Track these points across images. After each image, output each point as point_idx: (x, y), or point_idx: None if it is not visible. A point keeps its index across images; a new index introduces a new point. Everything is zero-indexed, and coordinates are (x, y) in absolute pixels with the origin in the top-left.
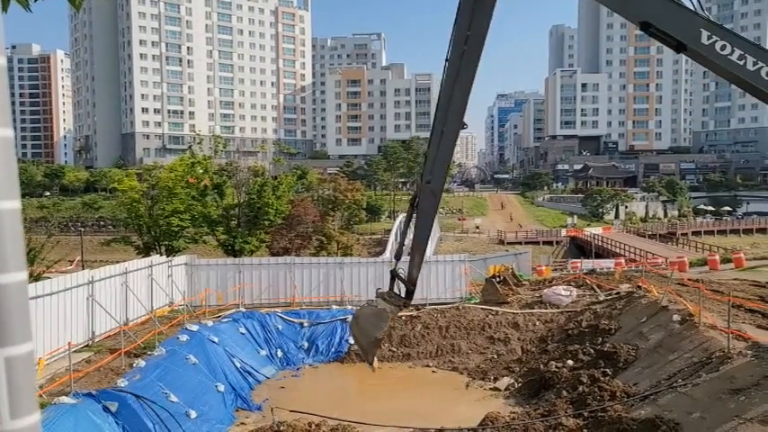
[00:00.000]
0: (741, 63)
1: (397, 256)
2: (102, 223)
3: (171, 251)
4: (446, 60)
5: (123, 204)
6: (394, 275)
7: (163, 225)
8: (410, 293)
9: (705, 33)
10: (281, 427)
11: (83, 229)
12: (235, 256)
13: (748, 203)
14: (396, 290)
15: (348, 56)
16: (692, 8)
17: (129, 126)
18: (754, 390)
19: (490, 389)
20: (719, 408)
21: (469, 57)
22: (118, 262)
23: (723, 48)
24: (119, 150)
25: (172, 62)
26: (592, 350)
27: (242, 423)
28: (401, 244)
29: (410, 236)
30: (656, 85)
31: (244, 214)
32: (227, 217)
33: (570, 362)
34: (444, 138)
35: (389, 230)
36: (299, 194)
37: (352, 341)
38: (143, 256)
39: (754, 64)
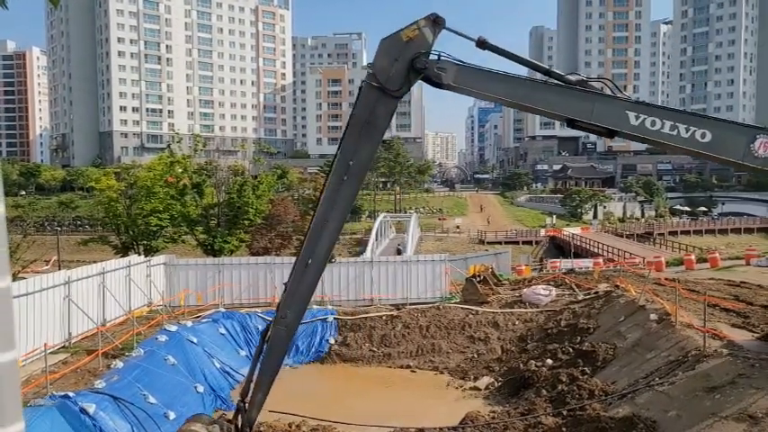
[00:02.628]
0: (674, 133)
1: (243, 393)
2: (78, 223)
3: (149, 251)
4: (325, 176)
5: (101, 204)
6: (239, 409)
7: (141, 225)
8: None
9: (632, 115)
10: (261, 428)
11: (59, 229)
12: (214, 256)
13: (723, 204)
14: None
15: (329, 55)
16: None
17: (106, 124)
18: (729, 388)
19: (470, 388)
20: (696, 406)
21: (348, 187)
22: (95, 262)
23: (653, 123)
24: (96, 149)
25: (150, 60)
26: (571, 349)
27: None
28: (248, 380)
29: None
30: (633, 87)
31: (223, 214)
32: (206, 216)
33: (549, 361)
34: (309, 270)
35: (370, 230)
36: (280, 194)
37: (332, 341)
38: (121, 256)
39: (687, 130)
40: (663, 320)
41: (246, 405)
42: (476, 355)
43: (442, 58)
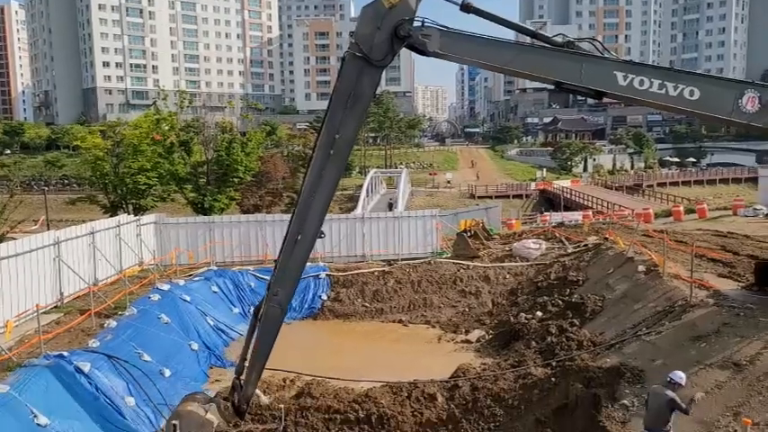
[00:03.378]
0: (662, 92)
1: (238, 371)
2: (66, 182)
3: (138, 210)
4: (312, 150)
5: (87, 162)
6: (234, 387)
7: (129, 183)
8: (241, 413)
9: (620, 75)
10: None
11: (46, 188)
12: (204, 215)
13: (712, 154)
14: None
15: (315, 7)
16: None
17: (89, 81)
18: (714, 336)
19: (462, 341)
20: (681, 355)
21: (335, 161)
22: (84, 221)
23: (642, 83)
24: (80, 106)
25: (132, 13)
26: (560, 301)
27: (216, 380)
28: (242, 357)
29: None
30: (625, 36)
31: (212, 172)
32: (195, 175)
33: (539, 313)
34: (299, 246)
35: (361, 186)
36: (269, 151)
37: (325, 297)
38: (110, 216)
39: (675, 88)
40: (650, 272)
41: (242, 382)
42: (467, 309)
43: (426, 24)
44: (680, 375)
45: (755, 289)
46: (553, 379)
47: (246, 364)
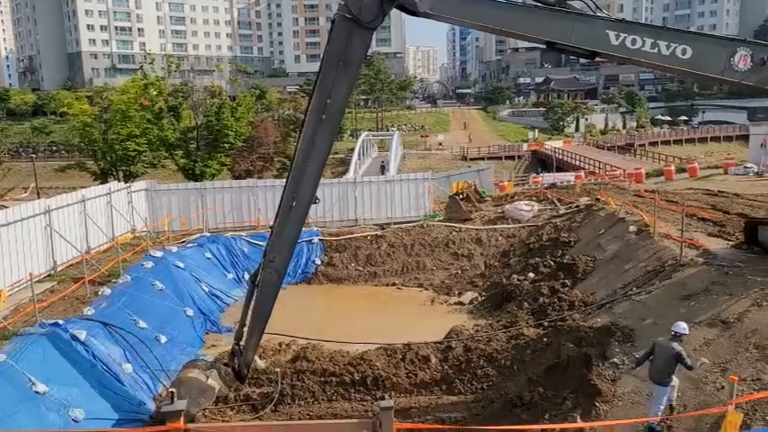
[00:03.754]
0: (655, 51)
1: (237, 337)
2: (54, 148)
3: (129, 177)
4: (304, 114)
5: (75, 129)
6: (234, 352)
7: (118, 150)
8: (242, 378)
9: (612, 34)
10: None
11: (35, 156)
12: (195, 181)
13: (704, 112)
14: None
15: None
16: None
17: (74, 45)
18: (703, 295)
19: (455, 303)
20: (671, 313)
21: (327, 126)
22: (74, 189)
23: (634, 42)
24: (66, 71)
25: None
26: (552, 263)
27: (213, 345)
28: (241, 323)
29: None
30: None
31: (202, 137)
32: (185, 140)
33: (531, 275)
34: (293, 212)
35: (352, 149)
36: (259, 115)
37: (318, 261)
38: (100, 183)
39: (668, 47)
40: (641, 232)
41: (241, 348)
42: (460, 272)
43: None
44: (683, 326)
45: (744, 247)
46: (545, 339)
47: (246, 329)
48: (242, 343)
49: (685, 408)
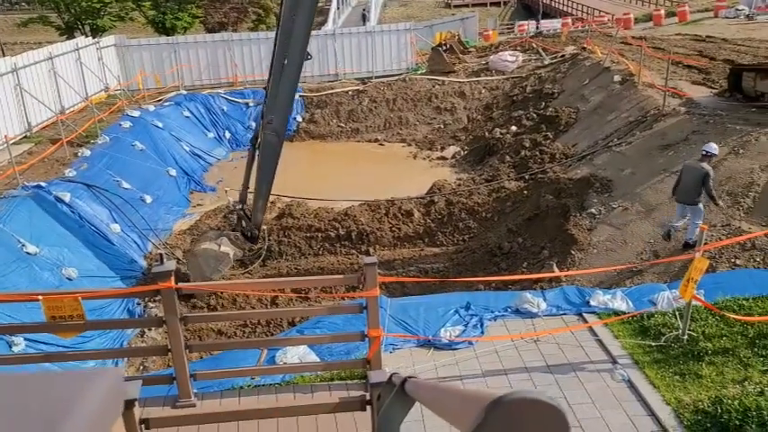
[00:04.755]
0: None
1: (242, 200)
2: (14, 0)
3: (96, 31)
4: None
5: None
6: (240, 217)
7: (82, 1)
8: (254, 238)
9: None
10: (237, 206)
11: None
12: (167, 35)
13: None
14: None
15: None
16: None
17: None
18: (682, 144)
19: (437, 158)
20: (649, 163)
21: None
22: (40, 44)
23: None
24: None
25: None
26: (535, 115)
27: (198, 204)
28: (245, 186)
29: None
30: None
31: None
32: None
33: (514, 128)
34: (286, 70)
35: None
36: None
37: (300, 119)
38: (66, 38)
39: None
40: (626, 82)
41: (247, 211)
42: (442, 126)
43: None
44: (714, 147)
45: (727, 95)
46: (525, 192)
47: (252, 192)
48: (247, 207)
49: (657, 255)
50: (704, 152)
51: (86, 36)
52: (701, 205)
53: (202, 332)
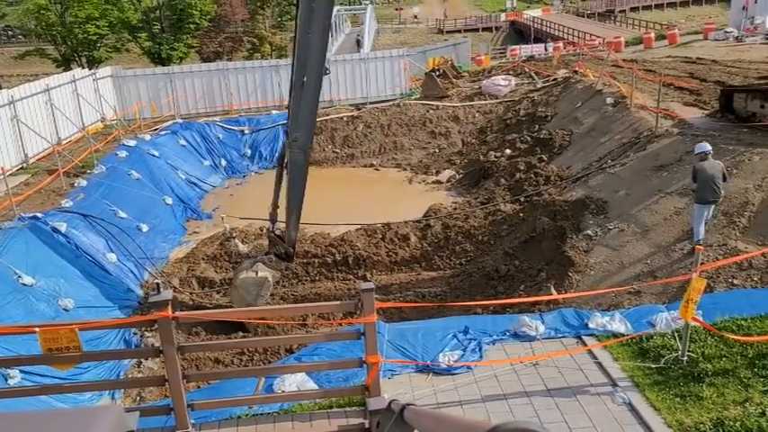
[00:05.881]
0: None
1: (272, 220)
2: (10, 33)
3: (92, 63)
4: None
5: (30, 12)
6: (272, 238)
7: (79, 34)
8: (289, 257)
9: None
10: (234, 234)
11: None
12: (163, 65)
13: None
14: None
15: None
16: None
17: None
18: (676, 165)
19: (432, 182)
20: (644, 184)
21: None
22: (37, 76)
23: None
24: None
25: None
26: (529, 138)
27: (195, 232)
28: (274, 206)
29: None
30: None
31: (166, 18)
32: (148, 21)
33: (508, 151)
34: (307, 86)
35: None
36: None
37: None
38: (63, 70)
39: None
40: (618, 104)
41: (276, 234)
42: (437, 150)
43: None
44: (705, 145)
45: (719, 116)
46: (521, 214)
47: (285, 210)
48: (277, 229)
49: (654, 276)
50: (703, 152)
51: (83, 67)
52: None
53: (199, 361)
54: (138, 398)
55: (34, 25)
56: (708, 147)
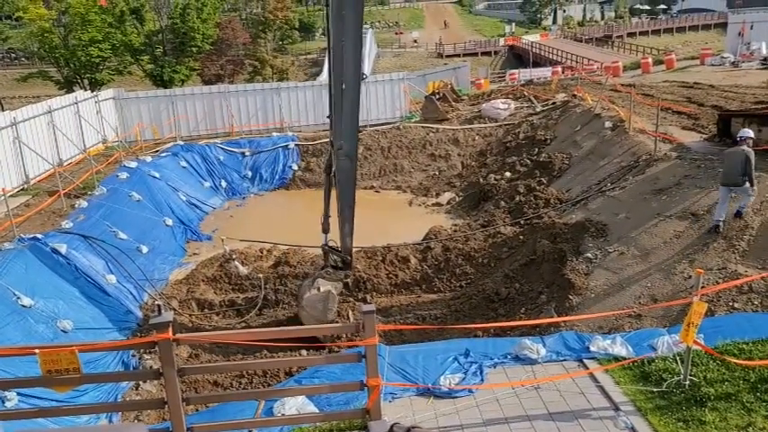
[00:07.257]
0: None
1: (325, 230)
2: (13, 56)
3: (95, 85)
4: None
5: (34, 35)
6: (327, 251)
7: (81, 56)
8: (347, 265)
9: None
10: (234, 255)
11: None
12: (164, 87)
13: (683, 0)
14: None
15: None
16: None
17: None
18: (675, 189)
19: (433, 204)
20: (643, 207)
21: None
22: (39, 98)
23: None
24: None
25: None
26: (528, 161)
27: (194, 254)
28: (326, 216)
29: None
30: None
31: (168, 41)
32: (150, 45)
33: (508, 173)
34: (346, 94)
35: (325, 49)
36: (226, 15)
37: (295, 167)
38: (66, 92)
39: None
40: (617, 128)
41: (330, 246)
42: (437, 173)
43: None
44: (748, 131)
45: (717, 140)
46: (521, 237)
47: (338, 220)
48: (330, 242)
49: (655, 299)
50: (740, 137)
51: (85, 90)
52: (746, 185)
53: (197, 384)
54: (136, 421)
55: (37, 48)
56: (747, 133)
